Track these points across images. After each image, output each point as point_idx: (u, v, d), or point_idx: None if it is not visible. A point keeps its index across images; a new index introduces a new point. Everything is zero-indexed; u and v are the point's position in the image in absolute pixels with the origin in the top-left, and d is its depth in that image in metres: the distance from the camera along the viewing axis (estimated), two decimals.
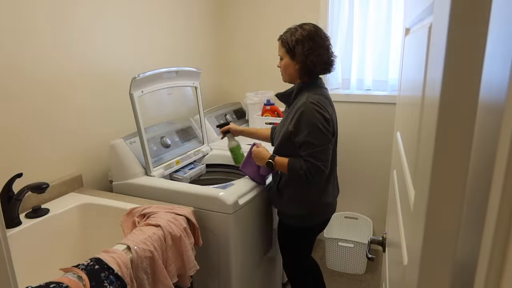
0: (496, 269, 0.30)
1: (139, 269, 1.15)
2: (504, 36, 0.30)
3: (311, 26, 1.49)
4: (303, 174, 1.44)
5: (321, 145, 1.43)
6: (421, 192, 0.51)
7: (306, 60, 1.45)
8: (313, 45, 1.45)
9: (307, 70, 1.48)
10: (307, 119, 1.42)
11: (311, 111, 1.42)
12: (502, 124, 0.29)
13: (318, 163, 1.42)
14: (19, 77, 1.40)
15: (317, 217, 1.63)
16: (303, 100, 1.46)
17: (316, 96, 1.46)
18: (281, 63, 1.54)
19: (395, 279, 0.83)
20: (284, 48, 1.49)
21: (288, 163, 1.49)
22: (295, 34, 1.46)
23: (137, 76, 1.58)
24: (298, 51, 1.45)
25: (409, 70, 0.83)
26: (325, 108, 1.45)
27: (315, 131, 1.42)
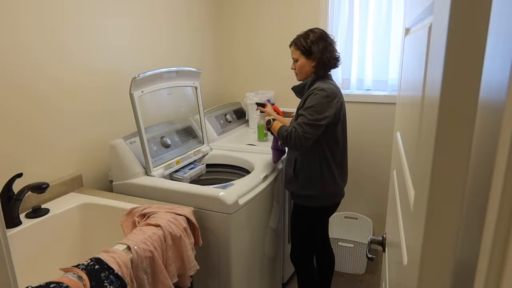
0: (496, 269, 0.30)
1: (139, 269, 1.15)
2: (504, 36, 0.30)
3: (318, 29, 1.71)
4: (286, 136, 1.61)
5: (316, 119, 1.58)
6: (421, 192, 0.51)
7: (323, 56, 1.67)
8: (325, 44, 1.68)
9: (322, 65, 1.69)
10: (315, 97, 1.61)
11: (321, 94, 1.61)
12: (502, 124, 0.29)
13: (301, 132, 1.58)
14: (19, 77, 1.40)
15: (328, 197, 1.75)
16: (316, 86, 1.65)
17: (326, 85, 1.65)
18: (295, 65, 1.74)
19: (395, 279, 0.83)
20: (299, 50, 1.70)
21: (280, 127, 1.68)
22: (309, 37, 1.68)
23: (137, 76, 1.58)
24: (315, 50, 1.67)
25: (409, 70, 0.83)
26: (333, 93, 1.63)
27: (315, 108, 1.59)
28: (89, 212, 1.50)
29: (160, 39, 2.13)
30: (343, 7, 2.35)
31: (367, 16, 2.31)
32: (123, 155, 1.64)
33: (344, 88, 2.48)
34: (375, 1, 2.27)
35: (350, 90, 2.46)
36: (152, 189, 1.60)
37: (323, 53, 1.66)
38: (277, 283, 2.08)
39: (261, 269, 1.82)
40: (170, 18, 2.19)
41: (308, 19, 2.43)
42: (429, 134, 0.47)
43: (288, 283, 2.25)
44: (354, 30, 2.35)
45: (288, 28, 2.48)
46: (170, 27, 2.21)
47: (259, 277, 1.81)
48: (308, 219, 1.78)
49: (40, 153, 1.50)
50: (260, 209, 1.73)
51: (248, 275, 1.71)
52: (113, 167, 1.68)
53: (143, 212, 1.37)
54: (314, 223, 1.79)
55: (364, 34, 2.34)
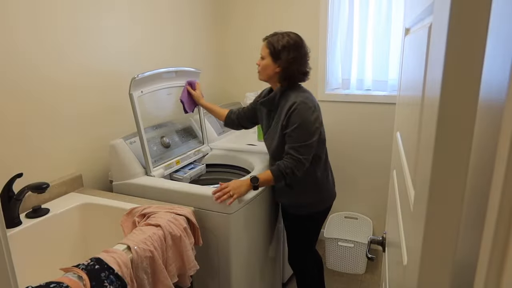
0: (496, 269, 0.30)
1: (139, 269, 1.15)
2: (504, 36, 0.30)
3: (297, 37, 1.58)
4: (290, 172, 1.52)
5: (307, 139, 1.52)
6: (421, 192, 0.51)
7: (289, 66, 1.55)
8: (297, 55, 1.55)
9: (287, 76, 1.57)
10: (299, 114, 1.52)
11: (304, 108, 1.52)
12: (502, 124, 0.29)
13: (300, 157, 1.52)
14: (19, 78, 1.40)
15: (324, 202, 1.73)
16: (292, 99, 1.55)
17: (305, 95, 1.57)
18: (260, 62, 1.62)
19: (395, 279, 0.83)
20: (268, 49, 1.57)
21: (272, 172, 1.54)
22: (283, 40, 1.54)
23: (136, 76, 1.58)
24: (284, 56, 1.54)
25: (409, 70, 0.83)
26: (315, 107, 1.57)
27: (304, 126, 1.52)
28: (89, 212, 1.50)
29: (160, 39, 2.13)
30: (343, 7, 2.35)
31: (367, 16, 2.31)
32: (123, 155, 1.64)
33: (344, 88, 2.48)
34: (375, 1, 2.27)
35: (350, 90, 2.46)
36: (152, 189, 1.60)
37: (290, 64, 1.54)
38: (277, 283, 2.08)
39: (261, 269, 1.82)
40: (170, 18, 2.19)
41: (308, 19, 2.43)
42: (429, 134, 0.47)
43: (288, 283, 2.25)
44: (354, 30, 2.35)
45: (289, 28, 2.48)
46: (170, 28, 2.20)
47: (259, 277, 1.81)
48: (306, 226, 1.75)
49: (40, 153, 1.50)
50: (260, 209, 1.73)
51: (248, 275, 1.71)
52: (113, 167, 1.68)
53: (143, 212, 1.37)
54: (313, 228, 1.77)
55: (364, 34, 2.34)
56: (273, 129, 1.65)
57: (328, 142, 2.55)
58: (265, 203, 1.78)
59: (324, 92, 2.48)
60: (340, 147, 2.53)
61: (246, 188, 1.54)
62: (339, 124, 2.50)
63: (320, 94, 2.49)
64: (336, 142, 2.53)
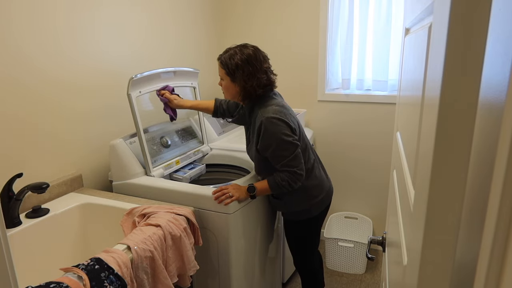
0: (496, 269, 0.30)
1: (139, 269, 1.15)
2: (504, 36, 0.30)
3: (250, 50, 1.49)
4: (287, 185, 1.49)
5: (291, 154, 1.47)
6: (421, 192, 0.51)
7: (246, 85, 1.49)
8: (252, 70, 1.47)
9: (247, 94, 1.52)
10: (269, 134, 1.45)
11: (270, 125, 1.45)
12: (502, 124, 0.29)
13: (295, 169, 1.48)
14: (19, 78, 1.40)
15: (322, 203, 1.68)
16: (259, 118, 1.48)
17: (270, 108, 1.48)
18: (222, 84, 1.56)
19: (395, 279, 0.83)
20: (224, 69, 1.52)
21: (268, 182, 1.53)
22: (234, 58, 1.48)
23: (134, 76, 1.58)
24: (238, 75, 1.48)
25: (409, 70, 0.83)
26: (284, 116, 1.47)
27: (281, 143, 1.46)
28: (89, 212, 1.50)
29: (159, 39, 2.13)
30: (343, 7, 2.35)
31: (367, 16, 2.31)
32: (123, 155, 1.64)
33: (344, 88, 2.48)
34: (375, 1, 2.27)
35: (350, 90, 2.46)
36: (152, 189, 1.60)
37: (246, 81, 1.47)
38: (277, 283, 2.08)
39: (261, 269, 1.82)
40: (169, 18, 2.19)
41: (308, 20, 2.43)
42: (429, 134, 0.47)
43: (288, 283, 2.25)
44: (354, 30, 2.35)
45: (288, 29, 2.48)
46: (170, 28, 2.20)
47: (259, 277, 1.81)
48: (308, 230, 1.72)
49: (40, 153, 1.50)
50: (260, 209, 1.73)
51: (248, 275, 1.71)
52: (113, 167, 1.68)
53: (143, 212, 1.37)
54: (315, 229, 1.74)
55: (364, 34, 2.34)
56: (250, 145, 1.62)
57: (328, 143, 2.57)
58: (266, 203, 1.78)
59: (324, 92, 2.48)
60: (340, 147, 2.53)
61: (245, 195, 1.54)
62: (339, 124, 2.50)
63: (320, 94, 2.49)
64: (336, 142, 2.53)
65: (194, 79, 1.97)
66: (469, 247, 0.38)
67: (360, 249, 2.31)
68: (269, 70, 1.53)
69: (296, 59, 2.51)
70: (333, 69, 2.48)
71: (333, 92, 2.49)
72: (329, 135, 2.55)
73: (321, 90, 2.49)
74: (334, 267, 2.41)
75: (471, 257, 0.35)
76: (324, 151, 2.56)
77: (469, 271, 0.36)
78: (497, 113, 0.30)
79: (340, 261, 2.38)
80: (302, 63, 2.51)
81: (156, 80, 1.73)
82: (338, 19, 2.38)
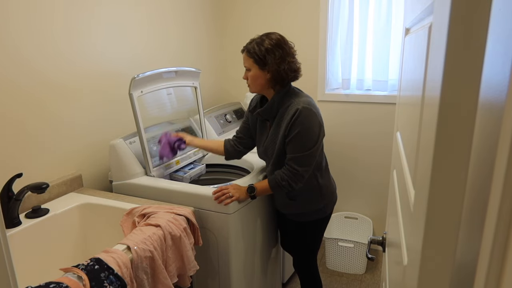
0: (496, 269, 0.30)
1: (139, 269, 1.15)
2: (504, 36, 0.30)
3: (277, 35, 1.48)
4: (287, 185, 1.48)
5: (308, 149, 1.44)
6: (421, 192, 0.51)
7: (279, 68, 1.45)
8: (282, 53, 1.45)
9: (279, 79, 1.47)
10: (303, 120, 1.43)
11: (308, 114, 1.43)
12: (502, 124, 0.29)
13: (299, 169, 1.45)
14: (19, 79, 1.40)
15: (328, 207, 1.67)
16: (294, 106, 1.45)
17: (307, 100, 1.47)
18: (248, 74, 1.51)
19: (395, 279, 0.82)
20: (252, 58, 1.47)
21: (269, 182, 1.51)
22: (264, 44, 1.45)
23: (136, 76, 1.58)
24: (270, 60, 1.44)
25: (409, 70, 0.83)
26: (319, 113, 1.49)
27: (308, 134, 1.44)
28: (89, 212, 1.50)
29: (160, 40, 2.13)
30: (343, 7, 2.35)
31: (367, 16, 2.31)
32: (122, 155, 1.64)
33: (344, 88, 2.48)
34: (375, 1, 2.27)
35: (350, 90, 2.46)
36: (152, 189, 1.60)
37: (279, 65, 1.44)
38: (277, 283, 2.08)
39: (261, 269, 1.82)
40: (170, 18, 2.19)
41: (308, 20, 2.43)
42: (429, 134, 0.47)
43: (288, 283, 2.25)
44: (354, 30, 2.35)
45: (288, 28, 2.48)
46: (171, 28, 2.20)
47: (259, 277, 1.81)
48: (314, 231, 1.70)
49: (40, 153, 1.50)
50: (260, 209, 1.73)
51: (248, 275, 1.71)
52: (113, 167, 1.68)
53: (143, 212, 1.37)
54: (320, 232, 1.73)
55: (364, 34, 2.34)
56: (271, 141, 1.55)
57: (328, 142, 2.56)
58: (265, 203, 1.78)
59: (324, 92, 2.48)
60: (340, 147, 2.53)
61: (245, 196, 1.53)
62: (339, 124, 2.50)
63: (320, 94, 2.49)
64: (336, 142, 2.53)
65: (195, 79, 1.97)
66: (469, 247, 0.38)
67: (360, 249, 2.31)
68: (296, 56, 1.52)
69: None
70: (333, 69, 2.48)
71: (333, 92, 2.49)
72: (329, 135, 2.55)
73: (321, 90, 2.49)
74: (334, 267, 2.41)
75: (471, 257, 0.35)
76: (325, 151, 2.56)
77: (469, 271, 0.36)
78: (497, 113, 0.30)
79: (340, 261, 2.38)
80: (302, 63, 2.49)
81: (158, 80, 1.73)
82: (338, 19, 2.38)
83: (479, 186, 0.35)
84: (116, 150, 1.64)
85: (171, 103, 1.92)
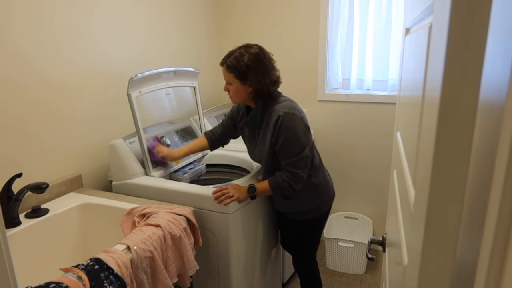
0: (496, 269, 0.30)
1: (139, 269, 1.15)
2: (504, 36, 0.30)
3: (255, 49, 1.48)
4: (288, 186, 1.49)
5: (300, 152, 1.47)
6: (421, 192, 0.51)
7: (260, 84, 1.46)
8: (264, 68, 1.46)
9: (260, 93, 1.49)
10: (286, 127, 1.45)
11: (290, 119, 1.45)
12: (502, 124, 0.29)
13: (298, 171, 1.48)
14: (19, 78, 1.40)
15: (326, 203, 1.70)
16: (276, 113, 1.47)
17: (285, 104, 1.49)
18: (229, 87, 1.52)
19: (395, 279, 0.82)
20: (232, 73, 1.47)
21: (269, 183, 1.52)
22: (243, 59, 1.44)
23: (134, 76, 1.58)
24: (251, 76, 1.45)
25: (409, 70, 0.83)
26: (299, 113, 1.49)
27: (295, 138, 1.46)
28: (88, 212, 1.50)
29: (159, 39, 2.13)
30: (343, 7, 2.35)
31: (367, 16, 2.31)
32: (122, 155, 1.64)
33: (344, 88, 2.48)
34: (375, 1, 2.27)
35: (350, 90, 2.46)
36: (151, 189, 1.60)
37: (260, 81, 1.45)
38: (277, 283, 2.08)
39: (261, 269, 1.82)
40: (169, 18, 2.19)
41: (308, 20, 2.43)
42: (429, 134, 0.47)
43: (288, 283, 2.25)
44: (354, 30, 2.35)
45: (288, 28, 2.48)
46: (170, 28, 2.20)
47: (259, 277, 1.81)
48: (310, 230, 1.73)
49: (40, 153, 1.50)
50: (260, 209, 1.73)
51: (248, 275, 1.71)
52: (112, 167, 1.68)
53: (143, 212, 1.37)
54: (318, 231, 1.75)
55: (364, 34, 2.34)
56: (259, 147, 1.59)
57: (328, 142, 2.57)
58: (265, 203, 1.78)
59: (324, 92, 2.48)
60: (340, 147, 2.53)
61: (245, 196, 1.53)
62: (339, 124, 2.50)
63: (320, 94, 2.49)
64: (336, 142, 2.53)
65: (194, 79, 1.97)
66: (469, 247, 0.38)
67: (360, 249, 2.31)
68: (275, 66, 1.53)
69: (296, 59, 2.51)
70: (333, 69, 2.48)
71: (333, 92, 2.49)
72: (329, 135, 2.55)
73: (321, 90, 2.49)
74: (334, 267, 2.41)
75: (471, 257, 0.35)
76: (324, 151, 2.56)
77: (469, 271, 0.36)
78: (497, 113, 0.30)
79: (340, 261, 2.38)
80: (302, 63, 2.51)
81: (156, 80, 1.73)
82: (338, 19, 2.38)
83: (479, 186, 0.35)
84: (116, 150, 1.63)
85: (170, 103, 1.92)
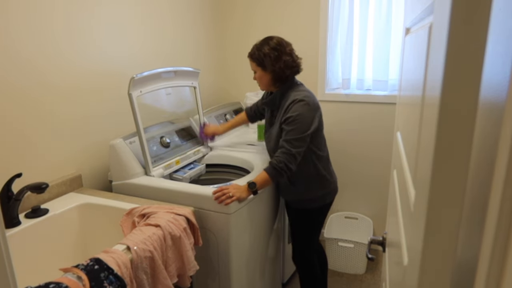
0: (496, 269, 0.30)
1: (139, 269, 1.14)
2: (504, 36, 0.30)
3: (274, 39, 1.68)
4: (284, 167, 1.55)
5: (301, 133, 1.57)
6: (421, 192, 0.51)
7: (275, 68, 1.65)
8: (277, 54, 1.64)
9: (277, 77, 1.67)
10: (296, 108, 1.60)
11: (302, 103, 1.60)
12: (502, 124, 0.29)
13: (292, 150, 1.56)
14: (18, 79, 1.40)
15: (331, 194, 1.79)
16: (291, 97, 1.63)
17: (304, 93, 1.65)
18: (256, 76, 1.73)
19: (395, 279, 0.82)
20: (255, 62, 1.69)
21: (266, 170, 1.57)
22: (263, 48, 1.66)
23: (135, 76, 1.58)
24: (267, 62, 1.65)
25: (409, 70, 0.83)
26: (314, 105, 1.64)
27: (300, 120, 1.58)
28: (88, 212, 1.50)
29: (159, 40, 2.13)
30: (343, 7, 2.35)
31: (367, 16, 2.31)
32: (122, 155, 1.64)
33: (344, 88, 2.48)
34: (375, 1, 2.27)
35: (350, 90, 2.46)
36: (151, 189, 1.60)
37: (274, 65, 1.64)
38: (277, 283, 2.08)
39: (261, 269, 1.82)
40: (170, 18, 2.19)
41: (308, 19, 2.43)
42: (429, 134, 0.47)
43: (288, 283, 2.25)
44: (354, 30, 2.35)
45: (288, 28, 2.48)
46: (170, 28, 2.20)
47: (259, 277, 1.81)
48: (312, 220, 1.79)
49: (39, 153, 1.50)
50: (260, 209, 1.73)
51: (248, 275, 1.71)
52: (112, 167, 1.68)
53: (142, 212, 1.37)
54: (319, 222, 1.81)
55: (364, 34, 2.34)
56: (273, 127, 1.73)
57: (329, 142, 2.55)
58: (265, 203, 1.78)
59: (324, 92, 2.48)
60: (340, 147, 2.53)
61: (246, 194, 1.54)
62: (339, 124, 2.50)
63: (320, 94, 2.49)
64: (336, 142, 2.53)
65: (194, 79, 1.97)
66: (470, 247, 0.38)
67: (360, 249, 2.31)
68: (293, 53, 1.70)
69: None
70: (333, 69, 2.48)
71: (333, 92, 2.49)
72: (329, 135, 2.53)
73: (321, 90, 2.49)
74: (334, 267, 2.41)
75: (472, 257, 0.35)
76: None
77: (469, 271, 0.36)
78: (497, 113, 0.30)
79: (340, 261, 2.38)
80: (302, 63, 2.49)
81: (157, 80, 1.73)
82: (338, 19, 2.38)
83: (479, 186, 0.35)
84: (116, 150, 1.63)
85: (171, 103, 1.92)
